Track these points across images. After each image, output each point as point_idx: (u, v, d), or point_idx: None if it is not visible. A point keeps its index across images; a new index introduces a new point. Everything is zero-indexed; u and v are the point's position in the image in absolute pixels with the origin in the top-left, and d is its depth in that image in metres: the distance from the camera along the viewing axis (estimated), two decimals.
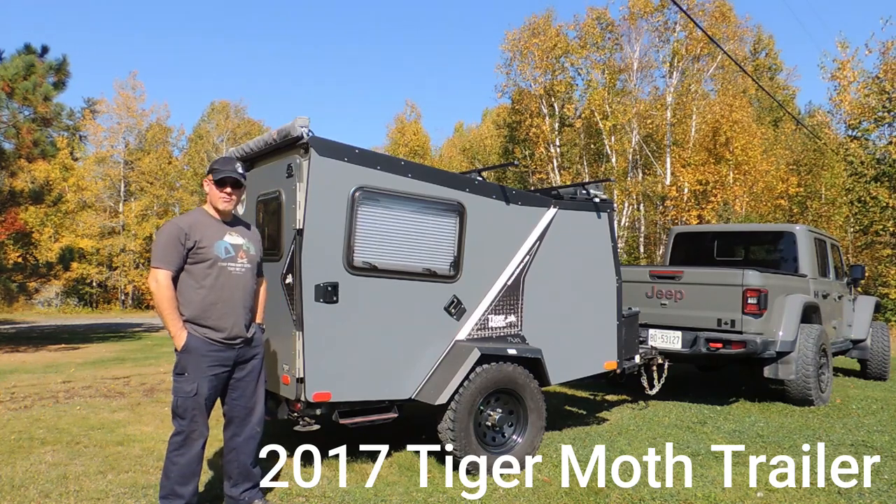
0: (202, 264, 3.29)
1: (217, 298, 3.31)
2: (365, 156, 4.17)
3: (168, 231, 3.27)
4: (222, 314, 3.31)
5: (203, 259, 3.29)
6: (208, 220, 3.40)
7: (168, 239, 3.24)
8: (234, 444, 3.48)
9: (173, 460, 3.27)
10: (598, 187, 5.45)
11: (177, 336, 3.23)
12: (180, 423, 3.26)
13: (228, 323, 3.33)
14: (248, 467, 3.50)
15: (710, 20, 22.93)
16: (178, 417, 3.27)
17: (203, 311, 3.28)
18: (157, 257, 3.24)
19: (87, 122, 15.70)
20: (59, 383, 7.95)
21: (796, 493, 4.09)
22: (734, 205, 22.76)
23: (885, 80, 19.18)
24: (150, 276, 3.25)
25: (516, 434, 4.55)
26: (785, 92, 32.13)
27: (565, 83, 26.32)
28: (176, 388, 3.28)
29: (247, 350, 3.44)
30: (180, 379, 3.27)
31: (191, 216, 3.39)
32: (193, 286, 3.28)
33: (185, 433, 3.25)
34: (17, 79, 11.46)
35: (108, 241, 27.94)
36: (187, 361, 3.26)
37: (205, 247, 3.29)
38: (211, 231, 3.35)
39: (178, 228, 3.27)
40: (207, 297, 3.29)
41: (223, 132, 34.76)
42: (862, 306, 9.08)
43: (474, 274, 4.59)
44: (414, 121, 38.60)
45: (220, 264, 3.32)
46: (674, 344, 6.73)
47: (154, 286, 3.22)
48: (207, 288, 3.29)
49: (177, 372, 3.29)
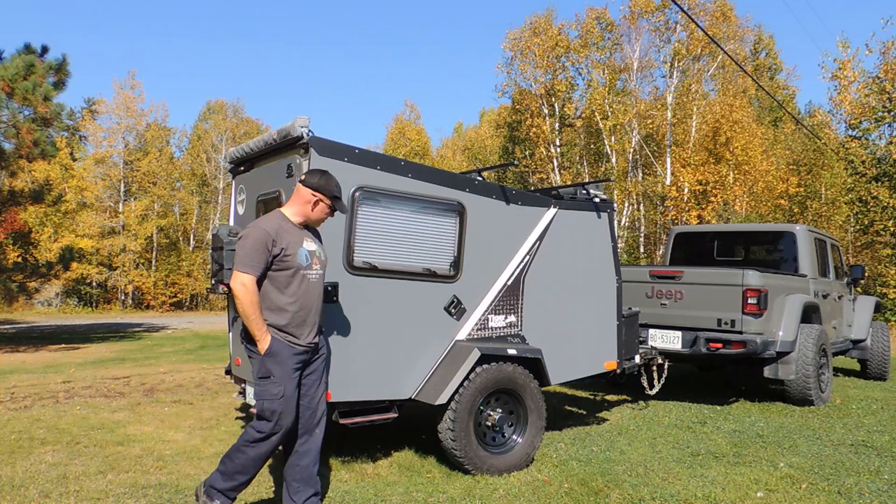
0: (286, 272, 3.27)
1: (299, 306, 3.31)
2: (365, 156, 4.17)
3: (256, 236, 3.21)
4: (302, 321, 3.32)
5: (287, 267, 3.27)
6: (289, 225, 3.36)
7: (255, 244, 3.19)
8: (299, 447, 3.44)
9: (244, 450, 3.27)
10: (598, 187, 5.45)
11: (262, 340, 3.21)
12: (265, 426, 3.24)
13: (307, 329, 3.34)
14: (311, 472, 3.44)
15: (710, 20, 22.93)
16: (264, 420, 3.24)
17: (285, 317, 3.28)
18: (244, 261, 3.18)
19: (87, 123, 15.70)
20: (59, 383, 7.95)
21: (796, 493, 4.09)
22: (734, 205, 22.76)
23: (886, 80, 19.18)
24: (233, 279, 3.18)
25: (516, 434, 4.55)
26: (785, 92, 32.11)
27: (566, 83, 26.32)
28: (261, 392, 3.25)
29: (314, 353, 3.45)
30: (265, 382, 3.25)
31: (274, 222, 3.32)
32: (276, 293, 3.27)
33: (266, 434, 3.25)
34: (17, 79, 11.45)
35: (108, 241, 27.92)
36: (272, 364, 3.25)
37: (290, 254, 3.27)
38: (293, 238, 3.32)
39: (267, 234, 3.22)
40: (290, 304, 3.28)
41: (222, 132, 34.74)
42: (862, 306, 9.08)
43: (474, 274, 4.59)
44: (413, 120, 38.62)
45: (301, 272, 3.31)
46: (674, 344, 6.73)
47: (241, 290, 3.15)
48: (289, 295, 3.28)
49: (261, 376, 3.26)
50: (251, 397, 4.73)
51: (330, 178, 3.41)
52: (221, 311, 27.12)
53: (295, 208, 3.40)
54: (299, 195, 3.39)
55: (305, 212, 3.39)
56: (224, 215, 31.78)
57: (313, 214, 3.40)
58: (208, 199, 34.19)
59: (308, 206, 3.38)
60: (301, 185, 3.39)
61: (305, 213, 3.39)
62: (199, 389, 7.54)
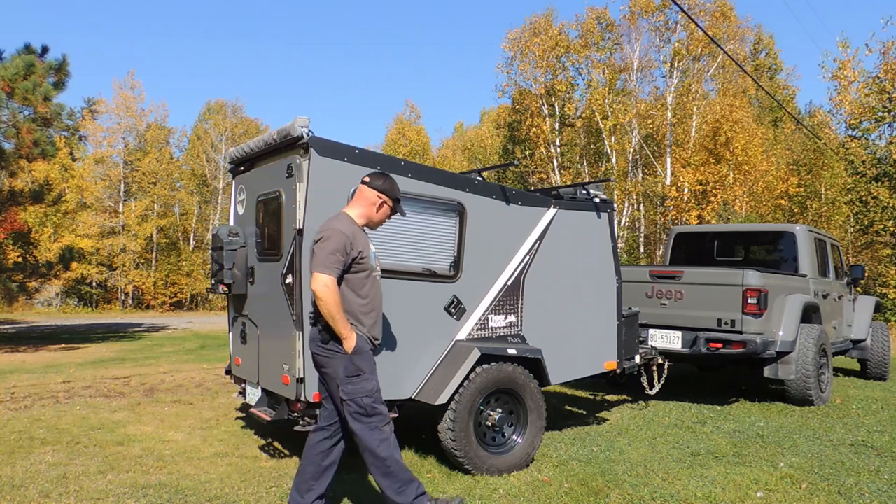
0: (361, 274, 3.31)
1: (372, 307, 3.37)
2: (365, 156, 4.17)
3: (338, 239, 3.22)
4: (375, 321, 3.39)
5: (363, 269, 3.32)
6: (359, 228, 3.39)
7: (337, 246, 3.20)
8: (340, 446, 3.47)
9: (395, 456, 3.29)
10: (599, 187, 5.45)
11: (349, 339, 3.22)
12: (376, 420, 3.26)
13: (378, 328, 3.42)
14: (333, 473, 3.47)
15: (710, 20, 22.93)
16: (373, 415, 3.26)
17: (362, 318, 3.32)
18: (325, 263, 3.17)
19: (87, 123, 15.70)
20: (59, 383, 7.95)
21: (796, 493, 4.09)
22: (734, 205, 22.76)
23: (886, 80, 19.18)
24: (315, 281, 3.16)
25: (516, 434, 4.54)
26: (785, 92, 32.11)
27: (566, 83, 26.32)
28: (356, 391, 3.25)
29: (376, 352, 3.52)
30: (358, 380, 3.26)
31: (348, 225, 3.32)
32: (352, 294, 3.30)
33: (378, 427, 3.26)
34: (17, 79, 11.45)
35: (108, 241, 27.92)
36: (360, 361, 3.27)
37: (365, 257, 3.31)
38: (365, 240, 3.37)
39: (346, 237, 3.24)
40: (365, 305, 3.34)
41: (222, 132, 34.74)
42: (862, 306, 9.08)
43: (474, 274, 4.59)
44: (413, 120, 38.62)
45: (373, 273, 3.39)
46: (674, 344, 6.73)
47: (325, 291, 3.14)
48: (363, 297, 3.33)
49: (351, 374, 3.26)
50: (250, 397, 4.73)
51: (393, 181, 3.51)
52: (221, 311, 27.12)
53: (360, 210, 3.43)
54: (364, 197, 3.44)
55: (370, 213, 3.44)
56: (224, 215, 31.78)
57: (377, 216, 3.47)
58: (208, 199, 34.19)
59: (373, 208, 3.44)
60: (366, 187, 3.44)
61: (370, 214, 3.44)
62: (199, 389, 7.54)
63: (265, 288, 4.48)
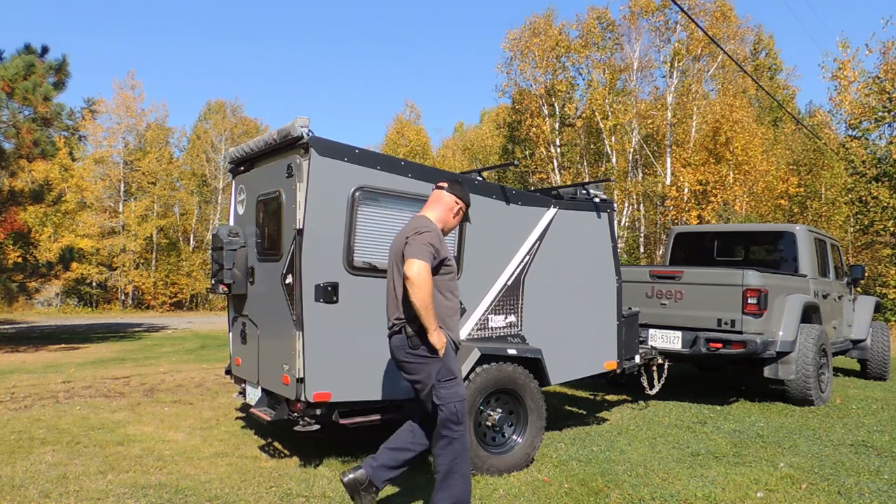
0: (448, 275, 3.33)
1: (455, 310, 3.39)
2: (365, 156, 4.17)
3: (435, 233, 3.25)
4: (456, 322, 3.41)
5: (451, 271, 3.34)
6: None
7: (432, 240, 3.20)
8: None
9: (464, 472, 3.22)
10: (599, 187, 5.45)
11: (436, 333, 3.16)
12: (455, 430, 3.19)
13: (458, 334, 3.42)
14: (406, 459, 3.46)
15: (710, 20, 22.93)
16: (457, 424, 3.19)
17: (447, 320, 3.31)
18: (421, 252, 3.11)
19: (87, 123, 15.69)
20: (59, 383, 7.94)
21: (796, 493, 4.09)
22: (734, 205, 22.76)
23: (886, 80, 19.18)
24: (410, 266, 3.07)
25: (516, 434, 4.54)
26: (785, 92, 32.11)
27: (566, 83, 26.32)
28: (449, 395, 3.19)
29: None
30: (452, 384, 3.21)
31: (434, 225, 3.34)
32: (439, 295, 3.28)
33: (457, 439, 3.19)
34: (17, 79, 11.45)
35: (108, 241, 27.93)
36: (452, 364, 3.25)
37: (451, 260, 3.34)
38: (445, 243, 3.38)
39: (439, 236, 3.28)
40: (451, 307, 3.35)
41: (221, 132, 34.73)
42: (862, 306, 9.08)
43: (474, 274, 4.59)
44: (413, 120, 38.60)
45: (456, 276, 3.41)
46: (674, 344, 6.73)
47: (421, 276, 3.05)
48: (448, 298, 3.34)
49: (445, 378, 3.20)
50: (250, 397, 4.73)
51: (467, 189, 3.56)
52: (221, 311, 27.12)
53: (438, 214, 3.44)
54: (443, 202, 3.46)
55: (447, 218, 3.47)
56: (224, 215, 31.77)
57: (453, 221, 3.50)
58: (208, 199, 34.19)
59: (450, 213, 3.47)
60: (445, 193, 3.47)
61: (447, 219, 3.47)
62: (199, 389, 7.54)
63: (265, 288, 4.48)
